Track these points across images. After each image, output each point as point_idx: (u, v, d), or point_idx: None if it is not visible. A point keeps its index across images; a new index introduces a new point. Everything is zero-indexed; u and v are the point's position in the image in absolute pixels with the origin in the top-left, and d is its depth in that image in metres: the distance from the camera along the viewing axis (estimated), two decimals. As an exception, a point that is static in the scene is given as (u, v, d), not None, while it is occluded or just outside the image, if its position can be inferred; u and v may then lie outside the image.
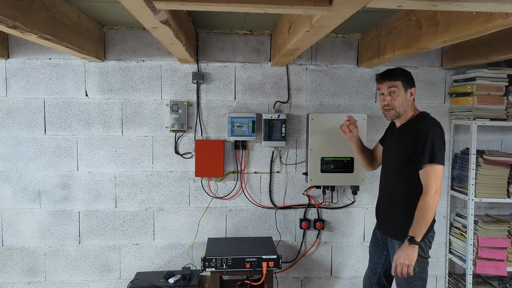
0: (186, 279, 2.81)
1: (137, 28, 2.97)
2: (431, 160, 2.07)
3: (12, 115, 2.96)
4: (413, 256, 2.07)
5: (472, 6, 1.37)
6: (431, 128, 2.13)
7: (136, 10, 1.58)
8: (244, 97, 3.08)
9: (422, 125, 2.16)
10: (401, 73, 2.24)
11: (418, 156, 2.11)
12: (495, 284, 3.13)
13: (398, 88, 2.21)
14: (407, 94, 2.23)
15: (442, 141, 2.14)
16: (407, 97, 2.23)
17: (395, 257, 2.13)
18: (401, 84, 2.21)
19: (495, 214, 3.21)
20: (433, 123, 2.17)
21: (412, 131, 2.18)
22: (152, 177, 3.06)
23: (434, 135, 2.10)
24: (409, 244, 2.07)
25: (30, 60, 2.94)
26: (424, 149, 2.09)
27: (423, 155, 2.09)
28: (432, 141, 2.09)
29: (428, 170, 2.08)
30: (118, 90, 3.00)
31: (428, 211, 2.06)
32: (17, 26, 1.75)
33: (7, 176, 2.99)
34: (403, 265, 2.08)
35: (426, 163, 2.08)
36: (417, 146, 2.12)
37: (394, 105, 2.23)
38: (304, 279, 3.21)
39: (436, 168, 2.08)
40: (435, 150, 2.08)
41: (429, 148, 2.08)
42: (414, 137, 2.14)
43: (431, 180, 2.07)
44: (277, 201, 3.15)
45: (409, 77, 2.26)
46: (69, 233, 3.04)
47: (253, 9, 1.51)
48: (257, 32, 3.04)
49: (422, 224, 2.06)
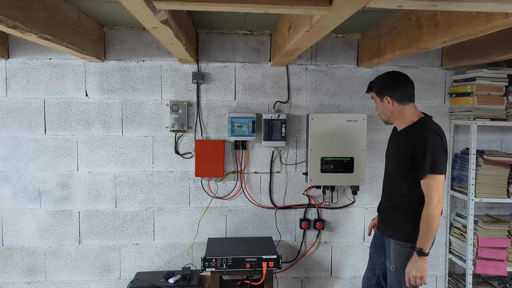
0: (186, 279, 2.81)
1: (137, 28, 2.97)
2: (432, 170, 2.07)
3: (12, 115, 2.96)
4: (424, 268, 2.09)
5: (472, 6, 1.37)
6: (430, 137, 2.10)
7: (136, 10, 1.58)
8: (244, 97, 3.08)
9: (421, 134, 2.13)
10: (374, 85, 2.34)
11: (419, 166, 2.11)
12: (495, 284, 3.13)
13: (375, 99, 2.35)
14: (384, 102, 2.27)
15: (442, 150, 2.11)
16: (385, 105, 2.27)
17: (406, 270, 2.14)
18: (376, 95, 2.33)
19: (495, 214, 3.21)
20: (433, 131, 2.13)
21: (411, 139, 2.16)
22: (152, 177, 3.06)
23: (433, 145, 2.08)
24: (418, 256, 2.09)
25: (30, 60, 2.94)
26: (424, 159, 2.08)
27: (423, 166, 2.08)
28: (432, 150, 2.07)
29: (430, 180, 2.08)
30: (118, 90, 3.00)
31: (433, 221, 2.06)
32: (17, 26, 1.75)
33: (7, 176, 2.99)
34: (416, 278, 2.11)
35: (426, 173, 2.07)
36: (417, 156, 2.11)
37: (378, 114, 2.38)
38: (304, 279, 3.21)
39: (438, 178, 2.07)
40: (435, 160, 2.07)
41: (429, 158, 2.06)
42: (413, 146, 2.12)
43: (433, 190, 2.07)
44: (277, 201, 3.15)
45: (382, 85, 2.29)
46: (69, 233, 3.05)
47: (253, 9, 1.51)
48: (257, 32, 3.04)
49: (429, 235, 2.07)
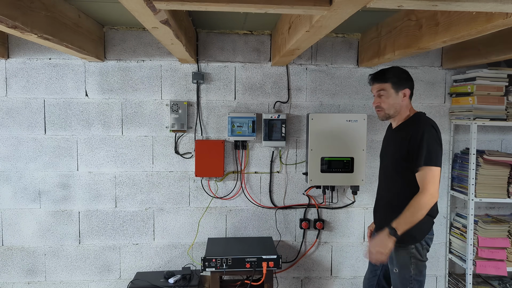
0: (186, 279, 2.81)
1: (137, 28, 2.97)
2: (427, 162, 2.05)
3: (12, 115, 2.96)
4: (388, 246, 2.04)
5: (472, 6, 1.37)
6: (426, 130, 2.09)
7: (136, 10, 1.58)
8: (244, 97, 3.08)
9: (417, 127, 2.13)
10: (392, 75, 2.20)
11: (414, 158, 2.09)
12: (495, 284, 3.13)
13: (387, 91, 2.20)
14: (399, 95, 2.19)
15: (437, 143, 2.10)
16: (399, 98, 2.20)
17: (371, 243, 2.11)
18: (391, 86, 2.19)
19: (495, 214, 3.21)
20: (428, 124, 2.13)
21: (407, 132, 2.15)
22: (152, 177, 3.06)
23: (429, 137, 2.07)
24: (389, 234, 2.04)
25: (30, 60, 2.94)
26: (419, 151, 2.06)
27: (419, 158, 2.06)
28: (427, 143, 2.06)
29: (425, 172, 2.05)
30: (118, 90, 3.00)
31: (419, 210, 2.03)
32: (17, 26, 1.75)
33: (7, 176, 2.99)
34: (378, 253, 2.06)
35: (422, 165, 2.05)
36: (413, 149, 2.09)
37: (383, 107, 2.22)
38: (304, 279, 3.21)
39: (433, 170, 2.05)
40: (431, 152, 2.06)
41: (424, 151, 2.05)
42: (409, 139, 2.11)
43: (428, 182, 2.04)
44: (277, 201, 3.15)
45: (402, 77, 2.21)
46: (69, 233, 3.04)
47: (253, 9, 1.51)
48: (257, 32, 3.04)
49: (409, 221, 2.03)
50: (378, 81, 2.23)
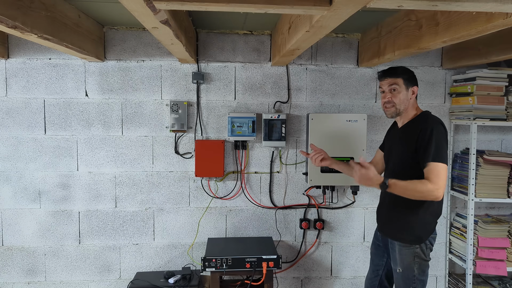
0: (186, 279, 2.81)
1: (137, 28, 2.97)
2: (435, 158, 2.04)
3: (12, 115, 2.96)
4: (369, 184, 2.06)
5: (472, 6, 1.37)
6: (435, 127, 2.10)
7: (136, 10, 1.58)
8: (244, 97, 3.08)
9: (426, 124, 2.13)
10: (403, 71, 2.23)
11: (421, 154, 2.08)
12: (495, 284, 3.13)
13: (399, 86, 2.20)
14: (409, 92, 2.22)
15: (445, 140, 2.12)
16: (408, 95, 2.22)
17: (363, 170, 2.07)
18: (403, 81, 2.21)
19: (495, 214, 3.21)
20: (437, 122, 2.15)
21: (415, 130, 2.15)
22: (152, 177, 3.06)
23: (438, 134, 2.08)
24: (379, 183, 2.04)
25: (30, 60, 2.94)
26: (427, 147, 2.06)
27: (427, 153, 2.06)
28: (436, 139, 2.06)
29: (432, 167, 2.04)
30: (118, 90, 3.00)
31: (419, 192, 2.03)
32: (17, 26, 1.75)
33: (7, 176, 2.99)
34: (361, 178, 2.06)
35: (430, 161, 2.04)
36: (421, 145, 2.09)
37: (395, 102, 2.21)
38: (304, 279, 3.21)
39: (441, 166, 2.04)
40: (439, 149, 2.06)
41: (433, 147, 2.05)
42: (418, 136, 2.11)
43: (436, 176, 2.02)
44: (277, 201, 3.15)
45: (411, 75, 2.24)
46: (69, 233, 3.04)
47: (253, 9, 1.51)
48: (257, 32, 3.04)
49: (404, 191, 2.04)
50: (390, 76, 2.23)
